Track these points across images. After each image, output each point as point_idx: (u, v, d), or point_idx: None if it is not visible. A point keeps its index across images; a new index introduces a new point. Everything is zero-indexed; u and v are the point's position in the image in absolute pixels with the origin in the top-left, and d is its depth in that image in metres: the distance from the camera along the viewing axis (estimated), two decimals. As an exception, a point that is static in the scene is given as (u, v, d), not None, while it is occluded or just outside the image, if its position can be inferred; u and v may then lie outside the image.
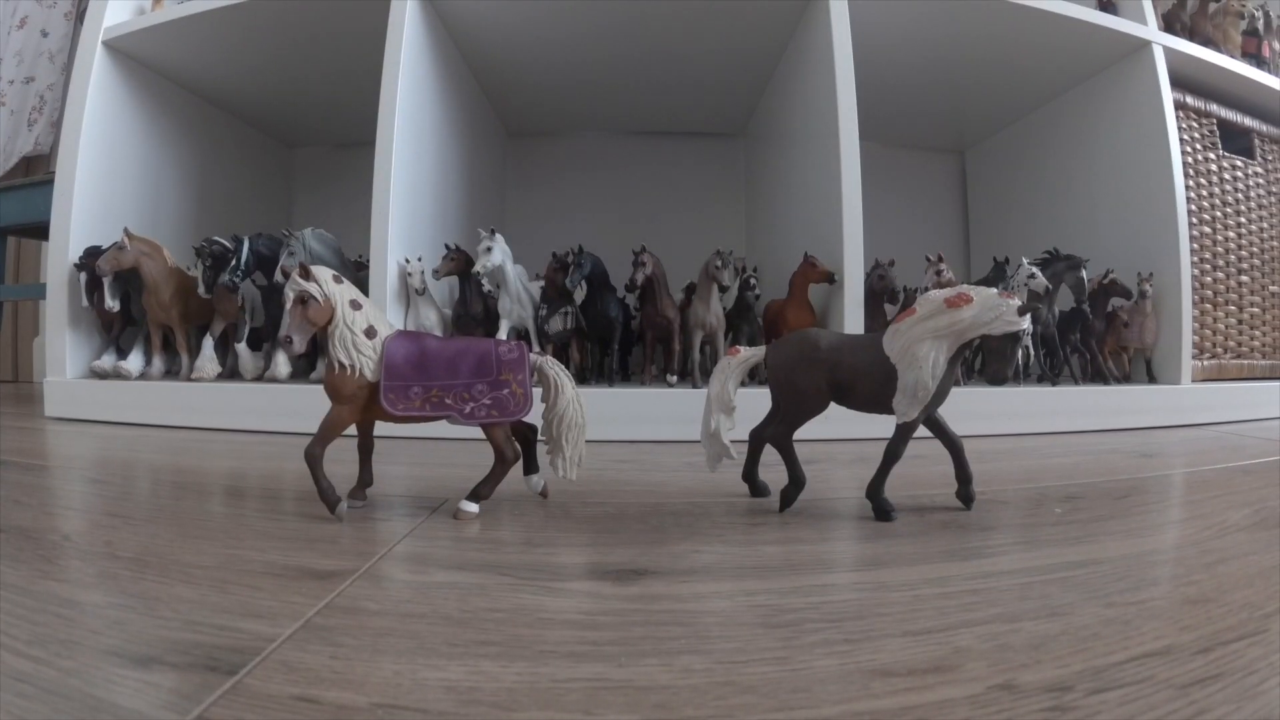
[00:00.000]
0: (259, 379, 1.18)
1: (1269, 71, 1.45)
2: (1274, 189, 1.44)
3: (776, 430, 0.55)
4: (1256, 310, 1.39)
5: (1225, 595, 0.36)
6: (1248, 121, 1.42)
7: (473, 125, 1.48)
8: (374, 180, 1.01)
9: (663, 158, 1.86)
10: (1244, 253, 1.38)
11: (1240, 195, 1.38)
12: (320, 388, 0.51)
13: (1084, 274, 1.14)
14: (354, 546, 0.44)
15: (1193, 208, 1.28)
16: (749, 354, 0.58)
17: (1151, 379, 1.26)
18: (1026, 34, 1.25)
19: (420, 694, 0.26)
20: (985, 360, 0.65)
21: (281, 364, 1.14)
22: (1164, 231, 1.23)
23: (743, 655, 0.29)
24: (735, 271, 1.22)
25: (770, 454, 0.65)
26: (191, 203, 1.50)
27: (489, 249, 1.02)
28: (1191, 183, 1.29)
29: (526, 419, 0.55)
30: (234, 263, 1.10)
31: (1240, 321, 1.37)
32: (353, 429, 0.54)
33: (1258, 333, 1.40)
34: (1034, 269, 1.10)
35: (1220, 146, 1.36)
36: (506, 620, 0.33)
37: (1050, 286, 1.12)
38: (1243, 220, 1.38)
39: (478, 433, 0.53)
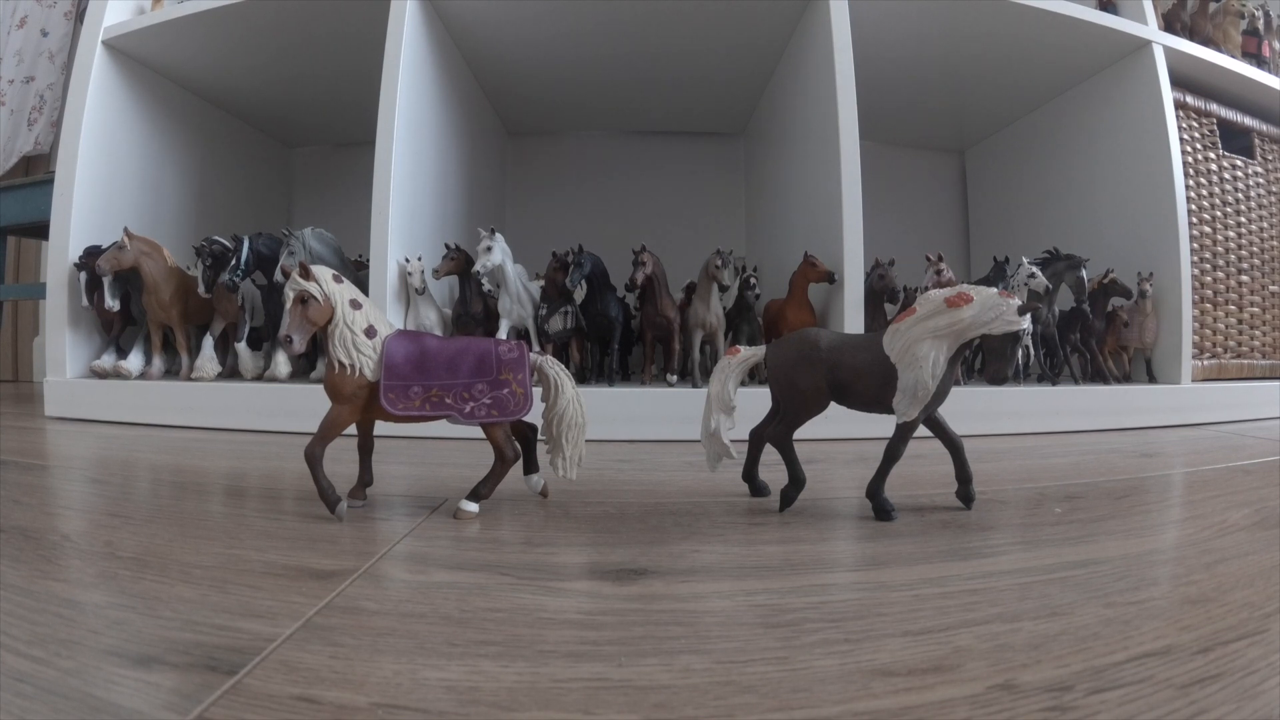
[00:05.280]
0: (259, 379, 1.18)
1: (1269, 71, 1.45)
2: (1274, 189, 1.44)
3: (776, 430, 0.55)
4: (1256, 310, 1.39)
5: (1225, 595, 0.36)
6: (1248, 121, 1.42)
7: (473, 125, 1.48)
8: (374, 180, 1.01)
9: (663, 158, 1.86)
10: (1244, 253, 1.38)
11: (1240, 195, 1.38)
12: (320, 387, 0.51)
13: (1084, 274, 1.14)
14: (354, 546, 0.44)
15: (1193, 207, 1.29)
16: (749, 354, 0.58)
17: (1151, 379, 1.26)
18: (1026, 34, 1.25)
19: (420, 694, 0.26)
20: (985, 360, 0.65)
21: (281, 364, 1.14)
22: (1164, 231, 1.23)
23: (743, 655, 0.29)
24: (735, 271, 1.22)
25: (770, 454, 0.65)
26: (191, 203, 1.50)
27: (489, 248, 1.02)
28: (1191, 182, 1.29)
29: (526, 418, 0.55)
30: (234, 262, 1.10)
31: (1240, 321, 1.37)
32: (353, 429, 0.54)
33: (1258, 333, 1.40)
34: (1034, 269, 1.10)
35: (1220, 146, 1.36)
36: (506, 620, 0.33)
37: (1050, 286, 1.12)
38: (1243, 220, 1.38)
39: (478, 432, 0.53)
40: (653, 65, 1.43)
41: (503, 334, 1.09)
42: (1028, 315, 0.48)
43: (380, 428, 0.56)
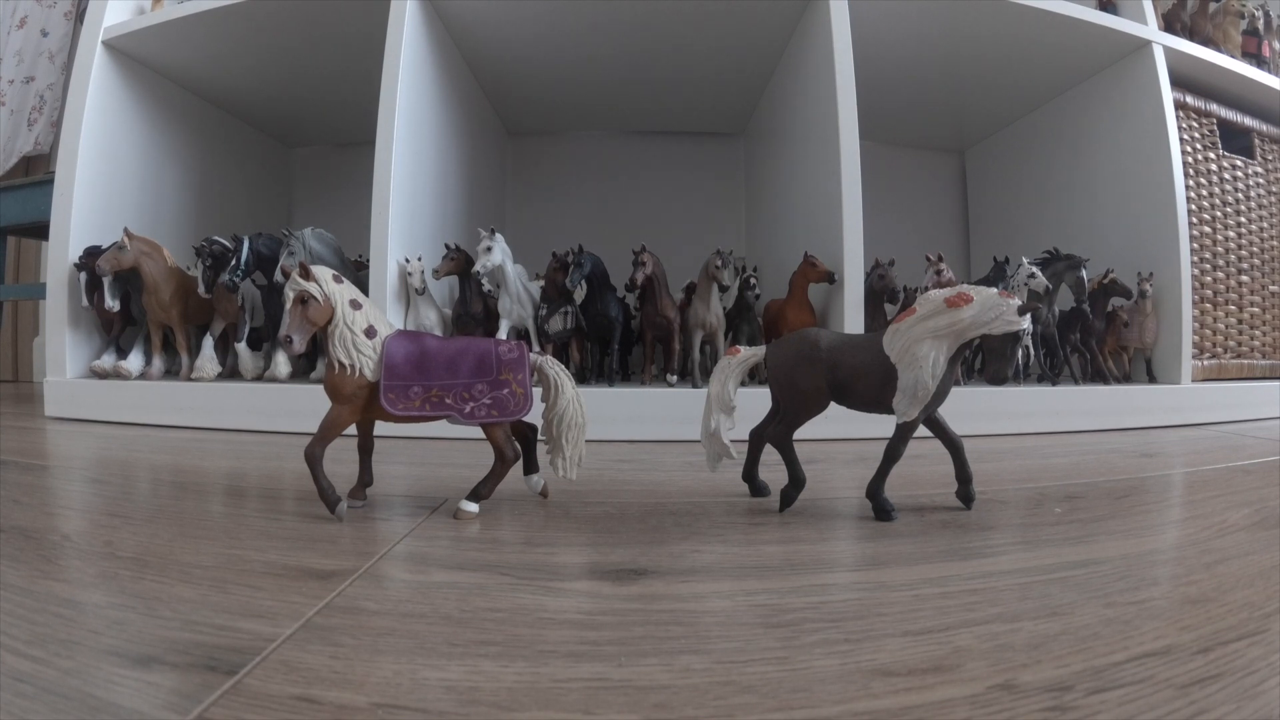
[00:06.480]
0: (259, 379, 1.18)
1: (1269, 71, 1.45)
2: (1274, 189, 1.44)
3: (777, 430, 0.55)
4: (1256, 310, 1.39)
5: (1225, 595, 0.36)
6: (1248, 121, 1.42)
7: (473, 125, 1.48)
8: (374, 180, 1.01)
9: (663, 158, 1.86)
10: (1244, 253, 1.38)
11: (1240, 195, 1.38)
12: (320, 388, 0.51)
13: (1084, 274, 1.14)
14: (354, 546, 0.44)
15: (1193, 208, 1.29)
16: (749, 354, 0.58)
17: (1151, 379, 1.26)
18: (1026, 34, 1.25)
19: (420, 694, 0.26)
20: (985, 360, 0.65)
21: (281, 364, 1.14)
22: (1164, 231, 1.23)
23: (743, 655, 0.29)
24: (735, 271, 1.22)
25: (770, 454, 0.65)
26: (191, 203, 1.50)
27: (489, 248, 1.02)
28: (1191, 183, 1.29)
29: (526, 419, 0.55)
30: (234, 262, 1.10)
31: (1240, 321, 1.37)
32: (353, 429, 0.54)
33: (1258, 333, 1.40)
34: (1034, 269, 1.10)
35: (1220, 146, 1.36)
36: (506, 620, 0.33)
37: (1050, 286, 1.12)
38: (1243, 220, 1.38)
39: (478, 433, 0.53)
40: (653, 65, 1.43)
41: (503, 334, 1.09)
42: (1028, 315, 0.48)
43: (380, 428, 0.56)
